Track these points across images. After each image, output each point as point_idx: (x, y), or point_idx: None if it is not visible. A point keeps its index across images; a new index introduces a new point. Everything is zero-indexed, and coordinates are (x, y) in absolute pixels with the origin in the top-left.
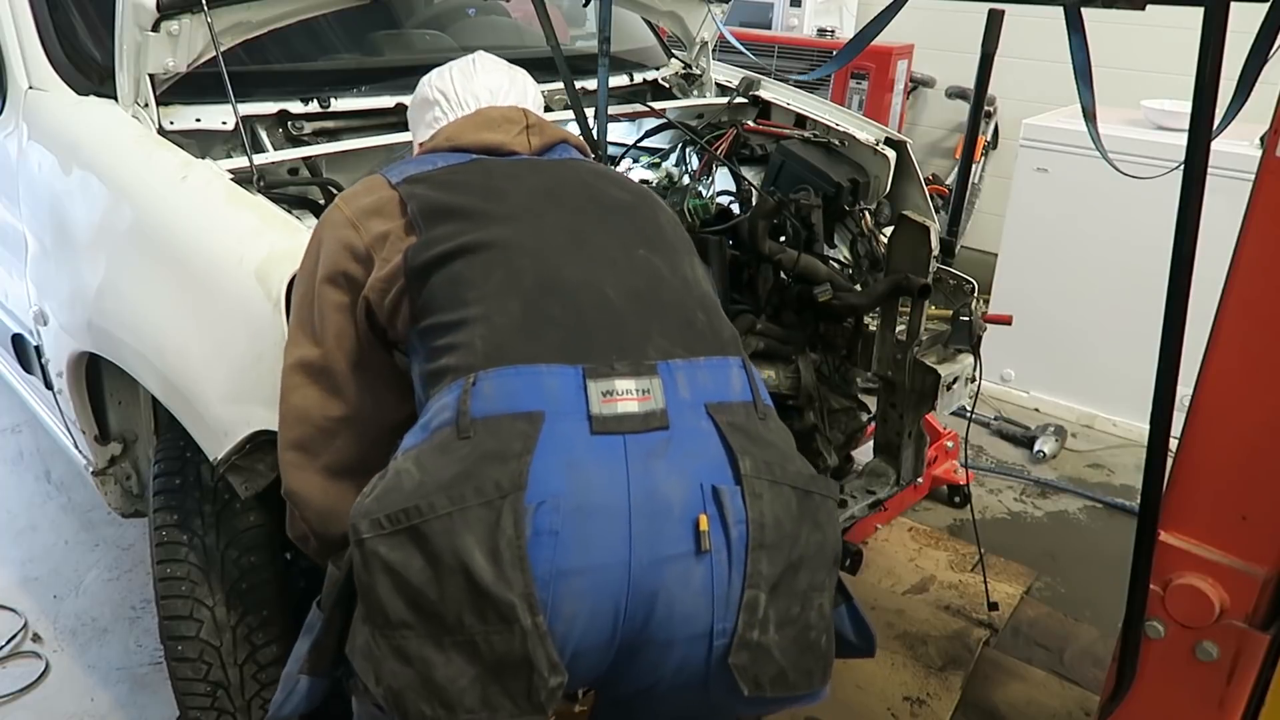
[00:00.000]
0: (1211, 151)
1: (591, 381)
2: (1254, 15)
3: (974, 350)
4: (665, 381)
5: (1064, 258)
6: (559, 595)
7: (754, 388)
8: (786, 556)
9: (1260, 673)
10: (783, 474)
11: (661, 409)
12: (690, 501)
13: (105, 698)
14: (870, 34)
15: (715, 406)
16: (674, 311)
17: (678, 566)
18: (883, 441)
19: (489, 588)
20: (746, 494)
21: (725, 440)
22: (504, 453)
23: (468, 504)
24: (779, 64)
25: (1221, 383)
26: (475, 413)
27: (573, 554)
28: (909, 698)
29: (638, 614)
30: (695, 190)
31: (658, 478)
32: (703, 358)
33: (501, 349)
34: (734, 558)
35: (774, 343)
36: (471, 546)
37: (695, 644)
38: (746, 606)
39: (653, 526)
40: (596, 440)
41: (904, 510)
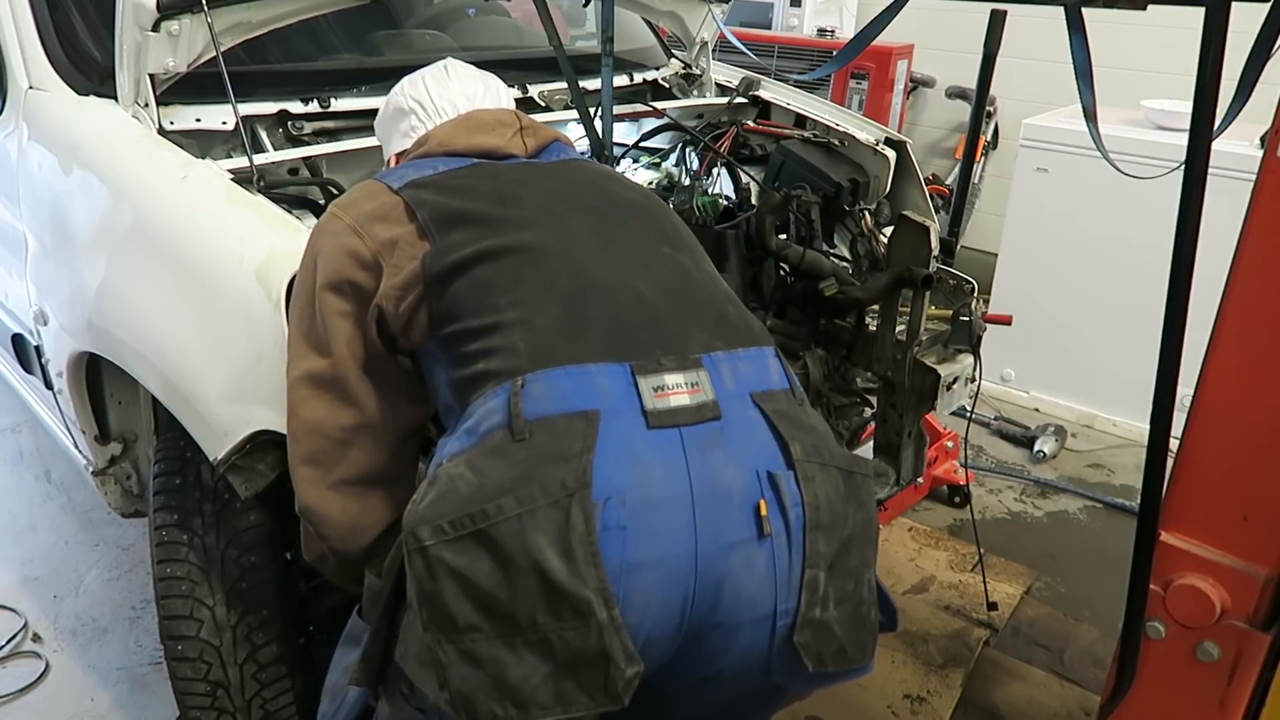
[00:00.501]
0: (1212, 151)
1: (641, 378)
2: (1254, 15)
3: (974, 350)
4: (711, 373)
5: (1064, 258)
6: (630, 588)
7: (789, 376)
8: (840, 535)
9: (1261, 673)
10: (830, 456)
11: (713, 400)
12: (749, 488)
13: (105, 698)
14: (870, 34)
15: (760, 395)
16: (707, 306)
17: (742, 552)
18: (883, 441)
19: (564, 585)
20: (800, 478)
21: (774, 427)
22: (565, 452)
23: (536, 504)
24: (779, 64)
25: (1222, 383)
26: (529, 414)
27: (641, 547)
28: (909, 696)
29: (705, 600)
30: (703, 188)
31: (716, 467)
32: (741, 349)
33: (546, 350)
34: (793, 540)
35: (781, 339)
36: (544, 546)
37: (760, 625)
38: (808, 585)
39: (715, 515)
40: (654, 435)
41: (904, 510)
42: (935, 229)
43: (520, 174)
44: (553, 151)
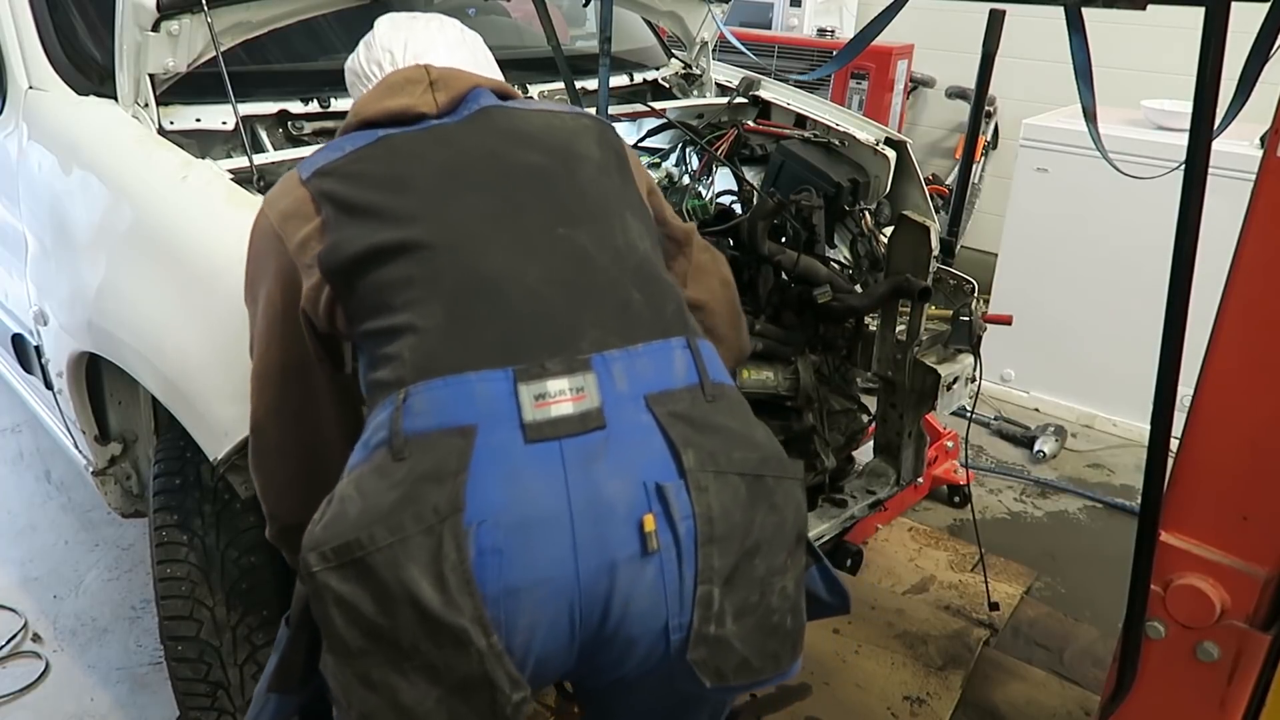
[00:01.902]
0: (1212, 151)
1: (523, 385)
2: (1254, 15)
3: (974, 350)
4: (600, 376)
5: (1064, 258)
6: (512, 612)
7: (700, 368)
8: (739, 546)
9: (1261, 673)
10: (729, 462)
11: (597, 407)
12: (634, 502)
13: (105, 698)
14: (870, 34)
15: (656, 397)
16: (607, 295)
17: (628, 569)
18: (883, 441)
19: (439, 615)
20: (691, 488)
21: (666, 433)
22: (439, 472)
23: (408, 533)
24: (779, 64)
25: (1222, 383)
26: (408, 430)
27: (520, 570)
28: (909, 697)
29: (593, 617)
30: (695, 191)
31: (599, 481)
32: (641, 344)
33: (430, 359)
34: (684, 554)
35: (773, 343)
36: (417, 576)
37: (656, 640)
38: (700, 602)
39: (598, 531)
40: (532, 449)
41: (904, 510)
42: (935, 229)
43: (417, 145)
44: (469, 102)
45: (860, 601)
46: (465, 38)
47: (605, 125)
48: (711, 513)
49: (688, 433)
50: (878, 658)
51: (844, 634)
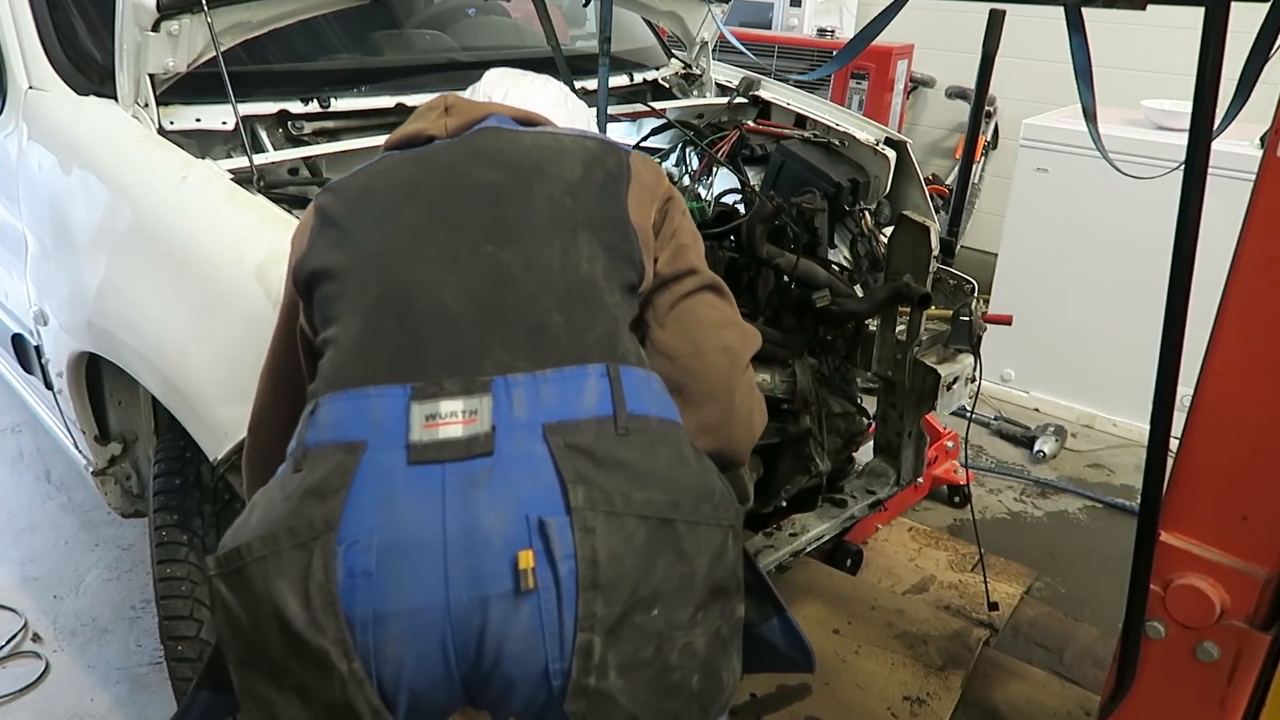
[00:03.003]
0: (1212, 151)
1: (416, 404)
2: (1254, 15)
3: (974, 350)
4: (498, 400)
5: (1064, 258)
6: (380, 638)
7: (617, 398)
8: (629, 595)
9: (1261, 673)
10: (626, 504)
11: (486, 433)
12: (513, 536)
13: (105, 698)
14: (870, 34)
15: (555, 427)
16: (522, 316)
17: (501, 605)
18: (883, 441)
19: (302, 634)
20: (576, 528)
21: (558, 466)
22: (324, 488)
23: (281, 547)
24: (779, 64)
25: (1222, 383)
26: (308, 442)
27: (388, 595)
28: (909, 697)
29: (468, 653)
30: (694, 192)
31: (478, 510)
32: (550, 370)
33: (339, 372)
34: (564, 596)
35: (770, 346)
36: (285, 591)
37: (536, 683)
38: (580, 651)
39: (471, 563)
40: (414, 471)
41: (904, 510)
42: (935, 229)
43: (399, 162)
44: (478, 126)
45: (860, 602)
46: (568, 100)
47: (612, 150)
48: (596, 556)
49: (584, 467)
50: (878, 658)
51: (844, 634)
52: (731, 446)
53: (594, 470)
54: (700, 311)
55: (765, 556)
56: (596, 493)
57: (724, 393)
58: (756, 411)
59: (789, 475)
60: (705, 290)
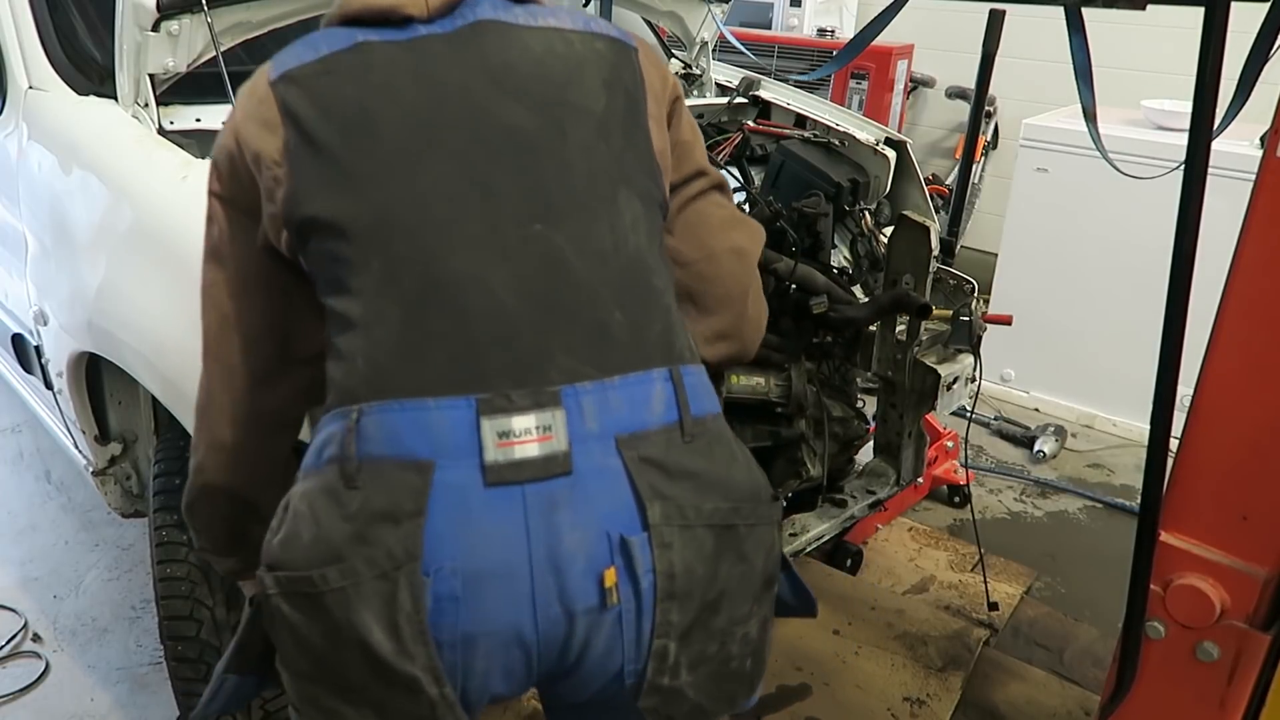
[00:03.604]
0: (1211, 151)
1: (486, 419)
2: (1254, 15)
3: (974, 350)
4: (570, 413)
5: (1064, 258)
6: (469, 658)
7: (682, 401)
8: (700, 601)
9: (1261, 673)
10: (698, 515)
11: (564, 451)
12: (596, 555)
13: (105, 698)
14: (870, 34)
15: (627, 439)
16: (583, 314)
17: (586, 619)
18: (883, 441)
19: (390, 661)
20: (655, 544)
21: (634, 482)
22: (395, 512)
23: (361, 578)
24: (779, 64)
25: (1221, 383)
26: (360, 455)
27: (476, 618)
28: (909, 698)
29: (550, 657)
30: None
31: (561, 531)
32: (617, 376)
33: (384, 374)
34: (643, 608)
35: (765, 349)
36: (370, 622)
37: (611, 680)
38: (656, 655)
39: (558, 582)
40: (492, 493)
41: (904, 510)
42: (935, 229)
43: (393, 69)
44: (465, 8)
45: (860, 602)
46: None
47: (622, 50)
48: (674, 569)
49: (658, 481)
50: (877, 659)
51: (844, 635)
52: (745, 349)
53: (666, 483)
54: (709, 213)
55: None
56: (671, 508)
57: (738, 296)
58: (763, 308)
59: (780, 479)
60: (712, 190)
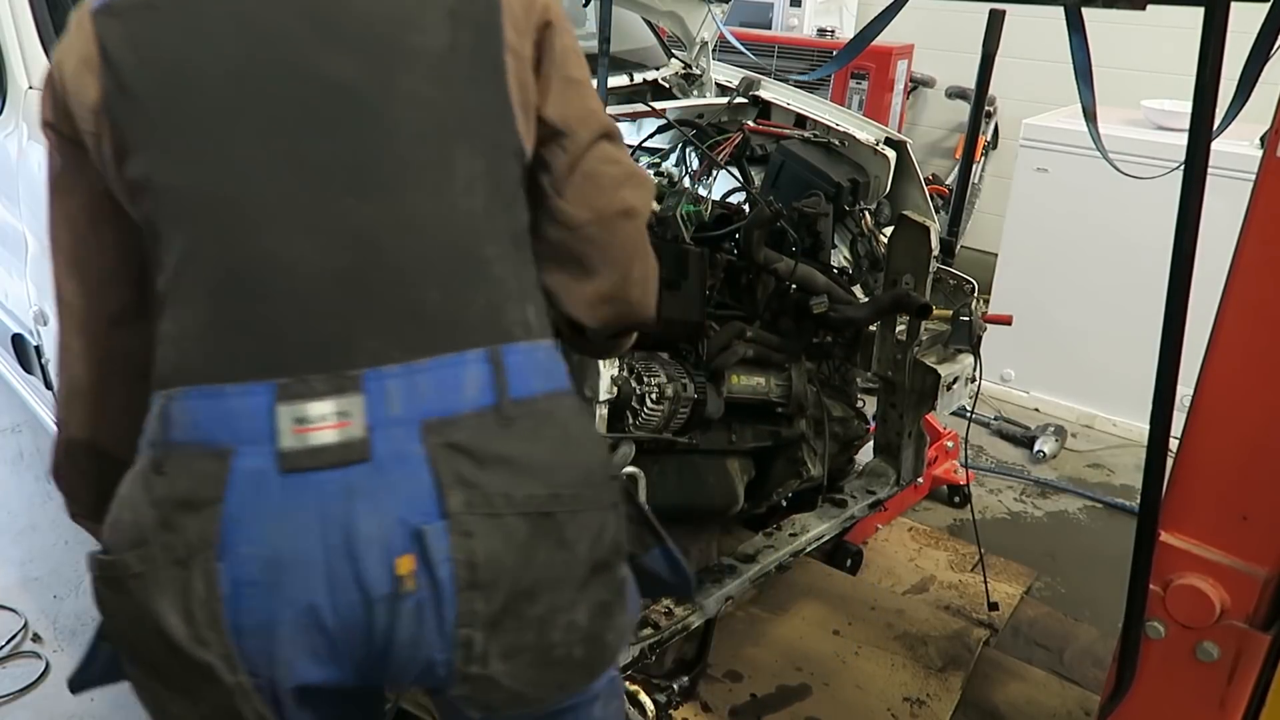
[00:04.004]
0: (1211, 151)
1: (282, 406)
2: (1254, 15)
3: (974, 350)
4: (371, 398)
5: (1064, 258)
6: (272, 643)
7: (500, 385)
8: (510, 590)
9: (1261, 673)
10: (506, 503)
11: (362, 437)
12: (392, 542)
13: (105, 698)
14: (870, 34)
15: (434, 424)
16: (393, 294)
17: (385, 606)
18: (883, 441)
19: (185, 648)
20: (453, 533)
21: (435, 469)
22: (194, 499)
23: (158, 564)
24: (779, 64)
25: (1221, 383)
26: (167, 441)
27: (274, 604)
28: (909, 698)
29: (356, 643)
30: (691, 194)
31: (357, 519)
32: (427, 359)
33: (188, 360)
34: (443, 597)
35: (765, 350)
36: (166, 609)
37: (425, 669)
38: (461, 644)
39: (354, 569)
40: (288, 480)
41: (904, 510)
42: (935, 229)
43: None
44: None
45: (860, 602)
46: None
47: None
48: (475, 558)
49: (464, 468)
50: (877, 659)
51: (844, 635)
52: (632, 310)
53: (474, 470)
54: (600, 171)
55: (765, 556)
56: (476, 495)
57: (623, 259)
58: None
59: (781, 479)
60: (602, 141)
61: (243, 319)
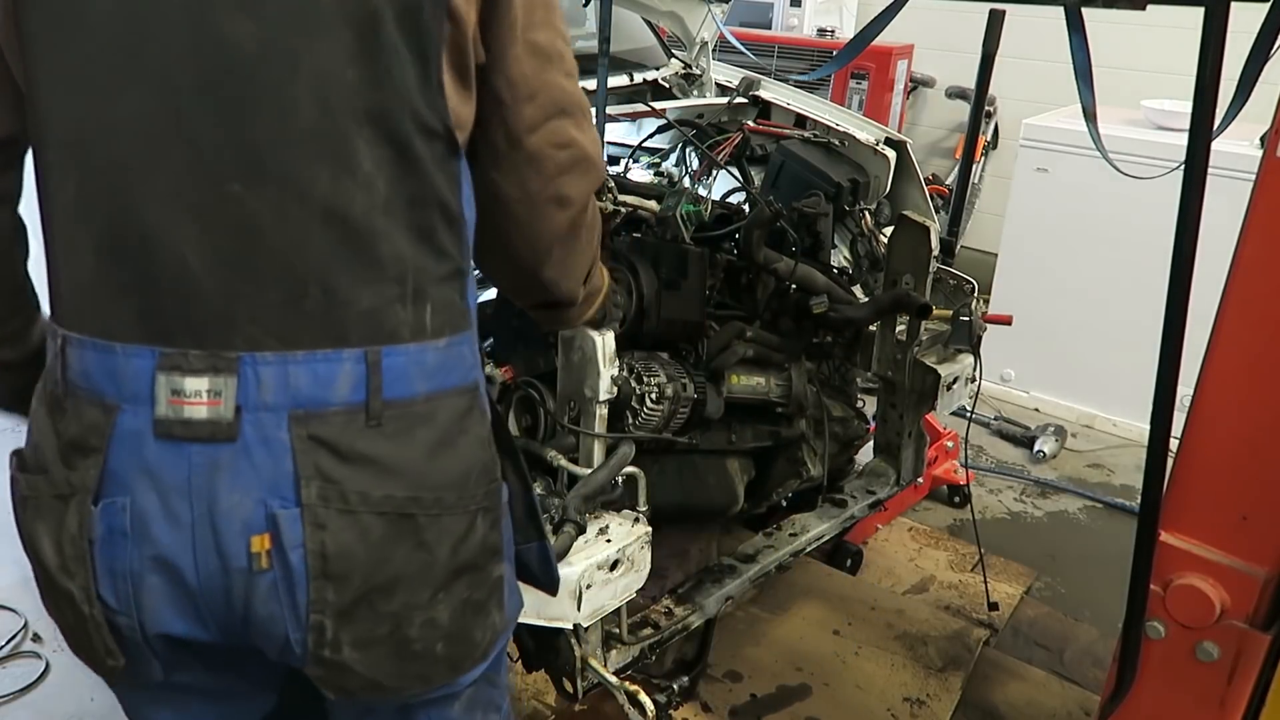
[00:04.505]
0: (1211, 151)
1: (162, 375)
2: (1254, 15)
3: (974, 350)
4: (245, 381)
5: (1064, 258)
6: (138, 591)
7: (374, 386)
8: (362, 583)
9: (1261, 673)
10: (363, 501)
11: (230, 420)
12: (250, 520)
13: (105, 698)
14: (870, 34)
15: (301, 416)
16: (276, 284)
17: (242, 578)
18: (883, 441)
19: (54, 574)
20: (306, 522)
21: (296, 460)
22: (83, 444)
23: (42, 495)
24: (779, 64)
25: (1221, 383)
26: (67, 380)
27: (142, 556)
28: (909, 698)
29: (217, 607)
30: (691, 194)
31: (220, 492)
32: (302, 351)
33: (80, 307)
34: (295, 580)
35: (765, 350)
36: (42, 534)
37: (283, 647)
38: (313, 629)
39: (215, 538)
40: (161, 445)
41: (904, 510)
42: (935, 229)
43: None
44: None
45: (860, 602)
46: None
47: None
48: (325, 550)
49: (326, 463)
50: (877, 659)
51: (844, 635)
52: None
53: (336, 465)
54: (544, 155)
55: (765, 556)
56: (332, 490)
57: (544, 243)
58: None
59: (781, 479)
60: (557, 119)
61: (128, 282)
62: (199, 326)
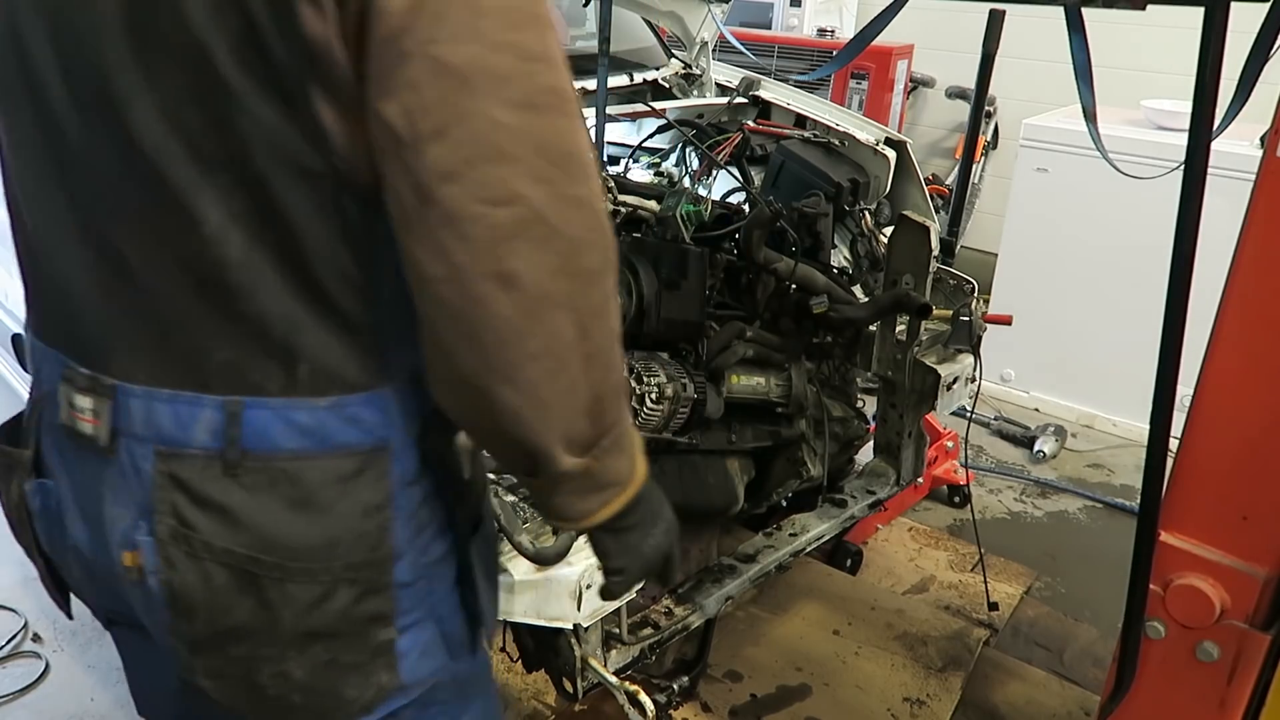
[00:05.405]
0: (1211, 151)
1: (63, 384)
2: (1254, 15)
3: (974, 350)
4: (118, 408)
5: (1064, 258)
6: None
7: (231, 436)
8: (209, 625)
9: (1261, 673)
10: (206, 550)
11: (107, 442)
12: (126, 536)
13: (105, 698)
14: (870, 34)
15: (166, 453)
16: (145, 324)
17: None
18: (883, 441)
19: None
20: (160, 556)
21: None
22: (29, 423)
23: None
24: (779, 64)
25: (1221, 383)
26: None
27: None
28: (909, 698)
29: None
30: (691, 194)
31: (105, 503)
32: (167, 390)
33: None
34: (154, 603)
35: (765, 350)
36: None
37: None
38: (172, 649)
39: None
40: (68, 445)
41: (904, 510)
42: (935, 229)
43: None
44: None
45: (860, 602)
46: None
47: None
48: (174, 586)
49: (179, 503)
50: (877, 659)
51: (844, 635)
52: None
53: (189, 507)
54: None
55: (765, 556)
56: (180, 532)
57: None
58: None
59: (781, 479)
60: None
61: (44, 291)
62: (85, 346)
